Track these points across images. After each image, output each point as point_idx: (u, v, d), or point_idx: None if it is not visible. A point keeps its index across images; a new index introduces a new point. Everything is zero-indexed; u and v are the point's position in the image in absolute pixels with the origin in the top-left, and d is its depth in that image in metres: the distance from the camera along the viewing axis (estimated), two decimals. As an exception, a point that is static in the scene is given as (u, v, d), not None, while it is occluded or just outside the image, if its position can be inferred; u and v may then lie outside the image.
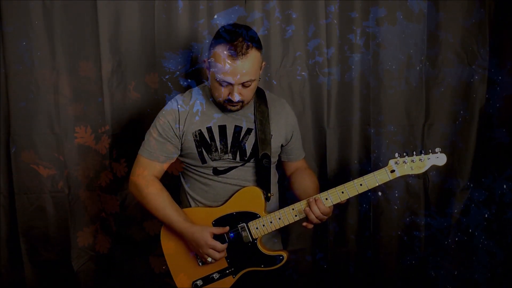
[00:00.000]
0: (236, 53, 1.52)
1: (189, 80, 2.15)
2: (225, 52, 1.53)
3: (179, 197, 1.85)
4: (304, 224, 1.68)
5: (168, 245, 1.77)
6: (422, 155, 1.61)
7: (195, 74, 2.15)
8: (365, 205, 2.32)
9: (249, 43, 1.54)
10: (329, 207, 1.64)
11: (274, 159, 1.80)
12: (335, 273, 2.35)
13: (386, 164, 1.61)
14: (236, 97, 1.59)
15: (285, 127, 1.80)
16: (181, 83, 2.15)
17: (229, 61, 1.53)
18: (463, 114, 2.26)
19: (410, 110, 2.27)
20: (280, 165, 1.92)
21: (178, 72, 2.15)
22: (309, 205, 1.65)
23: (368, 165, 2.28)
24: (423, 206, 2.31)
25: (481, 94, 2.24)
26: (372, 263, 2.34)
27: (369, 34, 2.19)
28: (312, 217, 1.63)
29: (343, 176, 2.30)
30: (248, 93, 1.62)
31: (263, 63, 1.67)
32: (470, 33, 2.20)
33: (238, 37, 1.54)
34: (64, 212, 2.18)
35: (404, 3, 2.18)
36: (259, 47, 1.60)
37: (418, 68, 2.22)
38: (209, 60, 1.62)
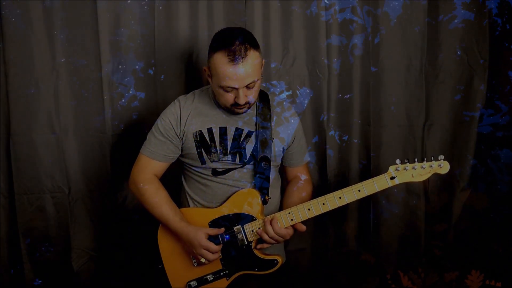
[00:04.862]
0: (235, 58, 1.51)
1: (190, 81, 2.15)
2: (224, 59, 1.52)
3: (180, 198, 1.85)
4: (259, 246, 1.69)
5: (165, 244, 1.77)
6: (424, 162, 1.57)
7: (196, 75, 2.15)
8: (365, 205, 2.31)
9: (246, 45, 1.54)
10: (285, 228, 1.64)
11: (275, 163, 1.78)
12: (335, 273, 2.35)
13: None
14: (243, 100, 1.59)
15: (287, 130, 1.77)
16: (181, 84, 2.15)
17: (230, 67, 1.52)
18: (463, 114, 2.26)
19: (410, 110, 2.26)
20: (282, 170, 1.90)
21: (178, 73, 2.15)
22: (264, 224, 1.65)
23: (368, 165, 2.28)
24: (423, 206, 2.31)
25: (481, 94, 2.24)
26: (372, 263, 2.34)
27: (369, 33, 2.19)
28: (265, 237, 1.64)
29: (343, 176, 2.30)
30: (254, 93, 1.62)
31: (263, 61, 1.66)
32: (470, 33, 2.20)
33: (234, 41, 1.53)
34: (64, 212, 2.17)
35: (405, 3, 2.18)
36: (256, 46, 1.59)
37: (418, 68, 2.22)
38: (209, 68, 1.61)
